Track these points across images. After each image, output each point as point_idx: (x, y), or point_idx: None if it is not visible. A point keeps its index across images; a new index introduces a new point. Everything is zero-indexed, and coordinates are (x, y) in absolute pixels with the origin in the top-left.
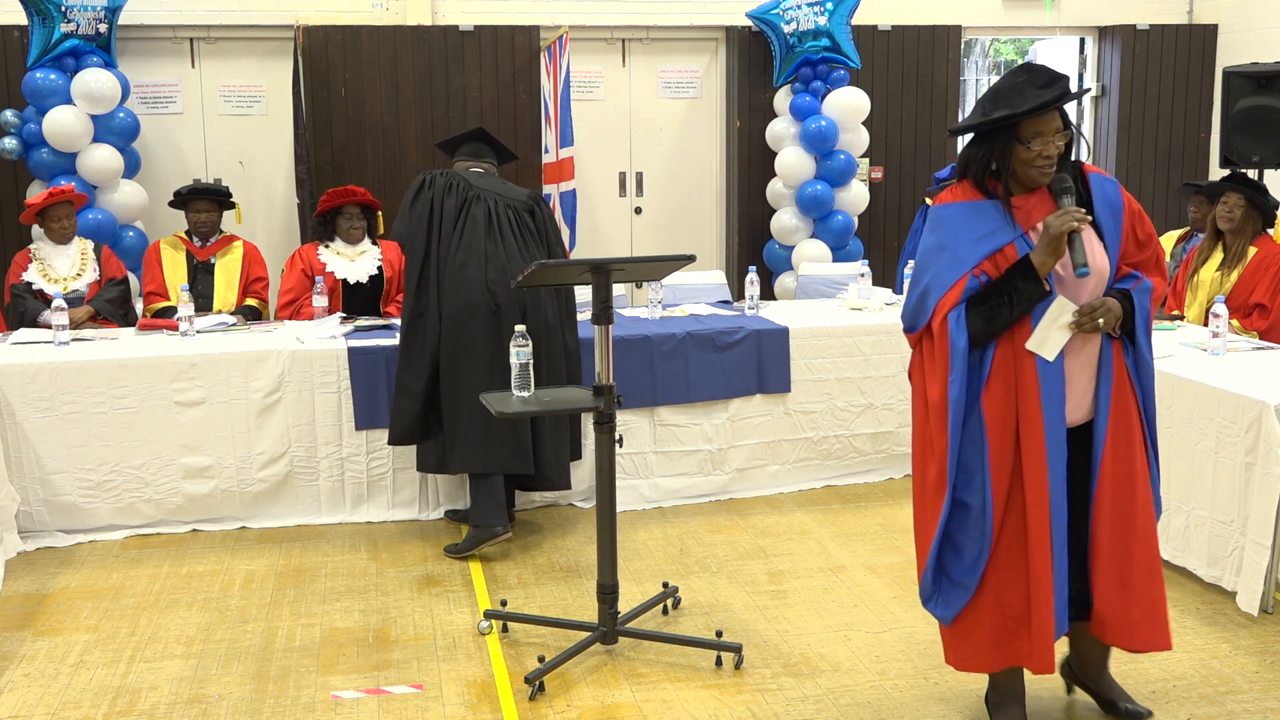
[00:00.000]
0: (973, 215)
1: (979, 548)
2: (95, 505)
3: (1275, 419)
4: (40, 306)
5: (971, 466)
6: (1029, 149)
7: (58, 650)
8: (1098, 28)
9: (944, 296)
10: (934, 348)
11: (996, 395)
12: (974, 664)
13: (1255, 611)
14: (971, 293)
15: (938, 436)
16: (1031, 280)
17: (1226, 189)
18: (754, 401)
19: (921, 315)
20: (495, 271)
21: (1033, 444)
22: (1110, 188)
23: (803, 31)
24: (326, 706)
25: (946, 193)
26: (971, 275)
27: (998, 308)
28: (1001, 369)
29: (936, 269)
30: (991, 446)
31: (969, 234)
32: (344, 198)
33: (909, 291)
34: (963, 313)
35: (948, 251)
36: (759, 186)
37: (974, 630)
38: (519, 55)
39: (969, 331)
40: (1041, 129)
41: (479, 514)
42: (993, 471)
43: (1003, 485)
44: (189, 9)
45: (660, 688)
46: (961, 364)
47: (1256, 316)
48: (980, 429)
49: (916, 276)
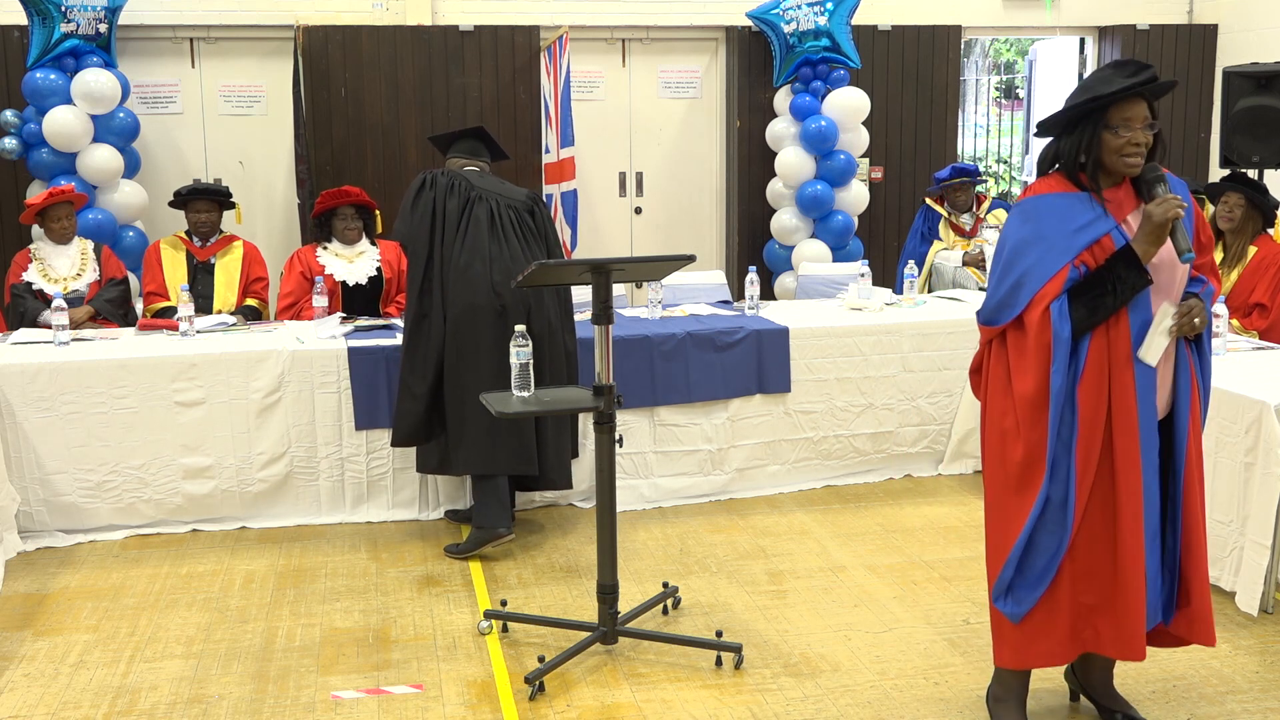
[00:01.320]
0: (1069, 206)
1: (1057, 541)
2: (95, 505)
3: (1275, 419)
4: (40, 306)
5: (1058, 458)
6: (1117, 136)
7: (58, 650)
8: (1098, 28)
9: (1044, 287)
10: (1025, 340)
11: (1090, 388)
12: (1048, 658)
13: (1255, 611)
14: (1072, 283)
15: (1028, 430)
16: (1134, 269)
17: (1226, 189)
18: (754, 401)
19: (1013, 307)
20: (500, 273)
21: (1127, 436)
22: (1184, 191)
23: (803, 31)
24: (326, 706)
25: (1037, 184)
26: (1072, 266)
27: (1101, 296)
28: (1096, 362)
29: (1034, 259)
30: (1081, 438)
31: (1067, 225)
32: (339, 199)
33: (994, 283)
34: (1065, 303)
35: (1045, 242)
36: (759, 186)
37: (1049, 624)
38: (519, 55)
39: (1072, 320)
40: (1130, 115)
41: (483, 515)
42: (1079, 464)
43: (1088, 478)
44: (189, 9)
45: (660, 688)
46: (1064, 354)
47: (1256, 316)
48: (1072, 421)
49: (1006, 268)
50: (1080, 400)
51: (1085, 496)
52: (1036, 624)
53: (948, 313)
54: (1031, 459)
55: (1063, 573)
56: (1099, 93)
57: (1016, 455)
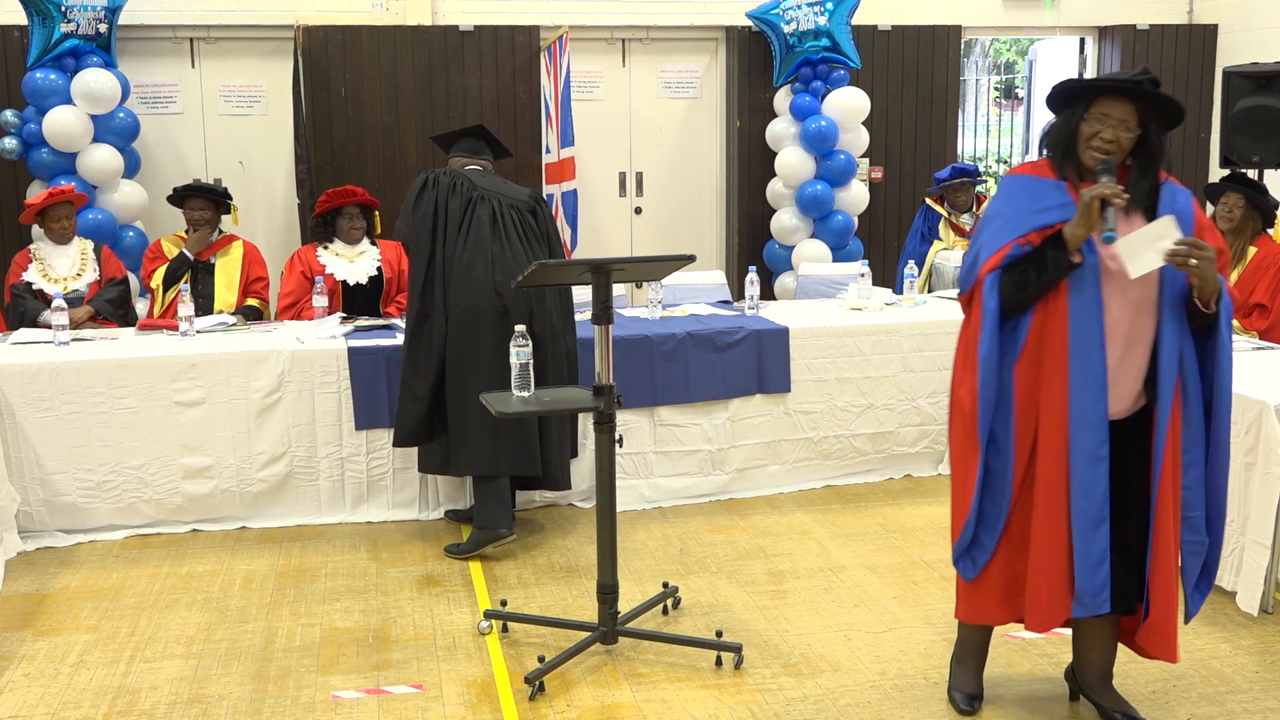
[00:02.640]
0: (1036, 189)
1: (999, 509)
2: (95, 505)
3: (1275, 419)
4: (40, 306)
5: (998, 431)
6: (1090, 126)
7: (58, 650)
8: (1098, 28)
9: (989, 259)
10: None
11: (1026, 369)
12: (983, 616)
13: (1255, 611)
14: (1012, 259)
15: (969, 394)
16: (1060, 249)
17: (1226, 189)
18: (754, 401)
19: (971, 277)
20: (502, 273)
21: (1052, 426)
22: (1183, 198)
23: (803, 31)
24: (326, 706)
25: (1022, 166)
26: (1017, 243)
27: (1026, 272)
28: (1033, 344)
29: (990, 234)
30: (1017, 416)
31: (1027, 205)
32: (344, 198)
33: (965, 255)
34: (997, 276)
35: (1002, 218)
36: (759, 186)
37: (986, 585)
38: (519, 55)
39: (999, 294)
40: (1108, 110)
41: (484, 516)
42: (1016, 439)
43: (1024, 455)
44: (189, 9)
45: (660, 688)
46: (992, 325)
47: (1256, 316)
48: (1009, 397)
49: (972, 241)
50: (1017, 378)
51: (1021, 471)
52: (981, 584)
53: (948, 313)
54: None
55: (1002, 540)
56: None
57: (961, 418)
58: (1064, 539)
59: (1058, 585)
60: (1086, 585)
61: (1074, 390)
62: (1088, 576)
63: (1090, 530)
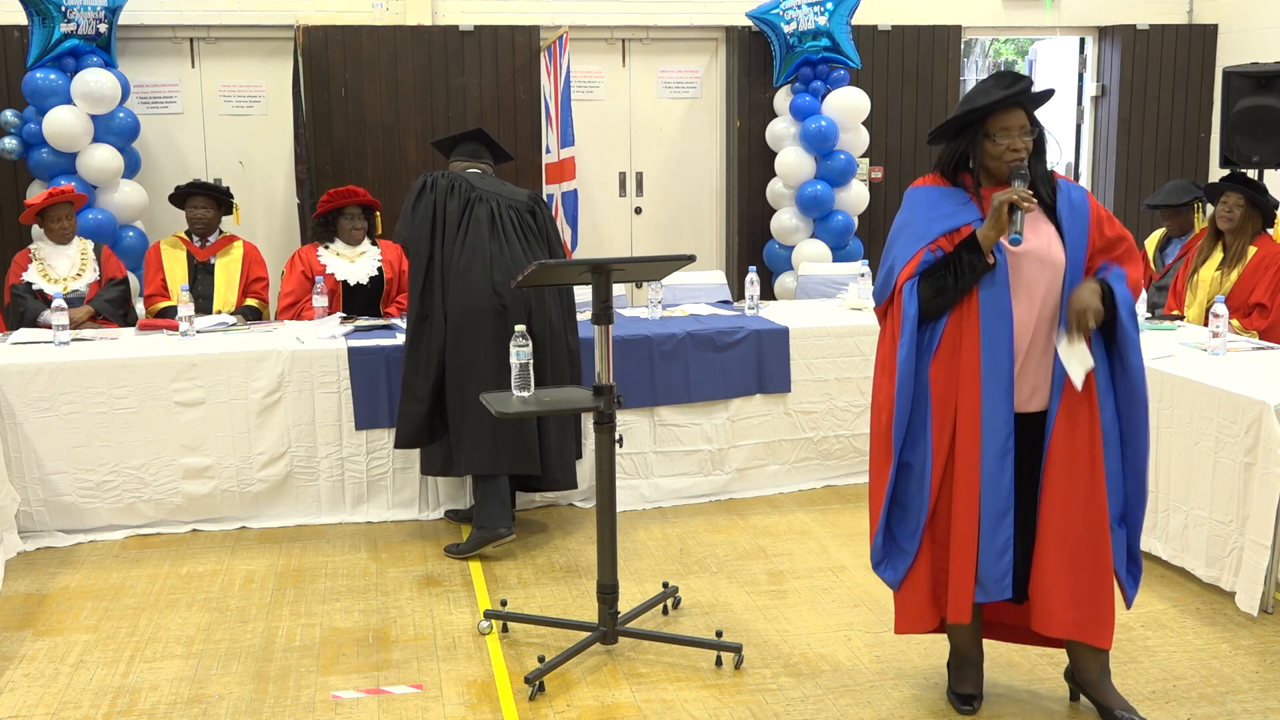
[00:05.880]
0: (939, 198)
1: (919, 510)
2: (95, 505)
3: (1275, 419)
4: (40, 306)
5: (916, 431)
6: (996, 144)
7: (58, 650)
8: (1098, 28)
9: (904, 268)
10: (893, 318)
11: (941, 368)
12: (917, 625)
13: (1255, 611)
14: (926, 265)
15: (887, 401)
16: (975, 252)
17: (1226, 189)
18: (754, 401)
19: (887, 288)
20: (501, 273)
21: (968, 421)
22: (1076, 193)
23: (803, 31)
24: (326, 706)
25: (921, 179)
26: (928, 250)
27: (944, 277)
28: (948, 344)
29: (901, 244)
30: (934, 414)
31: (932, 214)
32: (346, 198)
33: (880, 268)
34: (915, 283)
35: (911, 228)
36: (759, 186)
37: (915, 591)
38: (519, 55)
39: (919, 300)
40: (1006, 124)
41: (484, 515)
42: (934, 437)
43: (942, 452)
44: (189, 9)
45: (660, 688)
46: (910, 330)
47: (1256, 316)
48: (926, 397)
49: (884, 253)
50: (933, 378)
51: (940, 468)
52: (910, 591)
53: None
54: (889, 427)
55: (924, 541)
56: (976, 104)
57: (884, 425)
58: (976, 530)
59: (970, 574)
60: (990, 572)
61: (985, 387)
62: (991, 564)
63: (996, 520)
